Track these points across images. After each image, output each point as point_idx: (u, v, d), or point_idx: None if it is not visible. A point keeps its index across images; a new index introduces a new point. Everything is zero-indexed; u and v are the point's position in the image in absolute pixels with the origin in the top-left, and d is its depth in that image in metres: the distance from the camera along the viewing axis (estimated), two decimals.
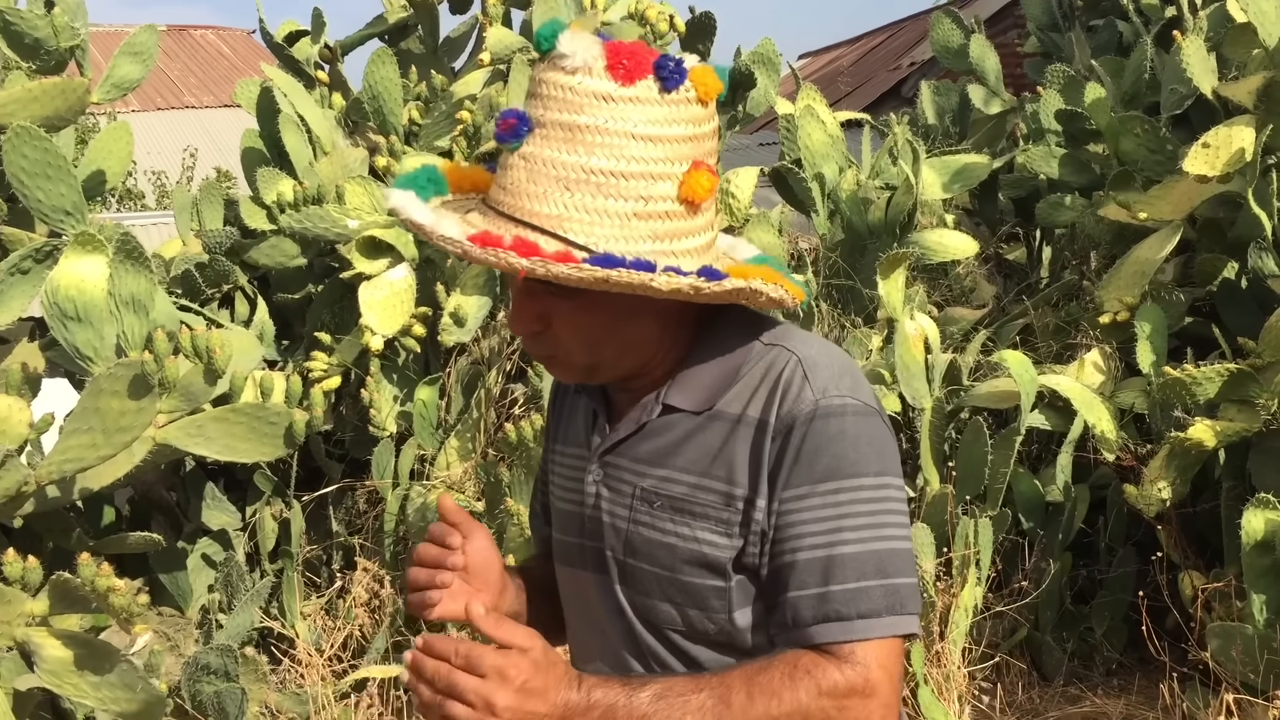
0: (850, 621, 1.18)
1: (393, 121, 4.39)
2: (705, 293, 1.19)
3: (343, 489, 4.30)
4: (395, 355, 4.17)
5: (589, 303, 1.22)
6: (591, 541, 1.33)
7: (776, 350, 1.27)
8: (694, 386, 1.28)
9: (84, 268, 2.95)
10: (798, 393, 1.22)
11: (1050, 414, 3.92)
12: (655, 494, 1.27)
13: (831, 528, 1.19)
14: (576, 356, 1.27)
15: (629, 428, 1.30)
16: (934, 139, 5.51)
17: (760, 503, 1.21)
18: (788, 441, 1.20)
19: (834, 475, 1.20)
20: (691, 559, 1.24)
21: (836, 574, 1.19)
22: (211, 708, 3.34)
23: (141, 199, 13.02)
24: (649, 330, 1.27)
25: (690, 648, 1.28)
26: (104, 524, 4.07)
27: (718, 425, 1.25)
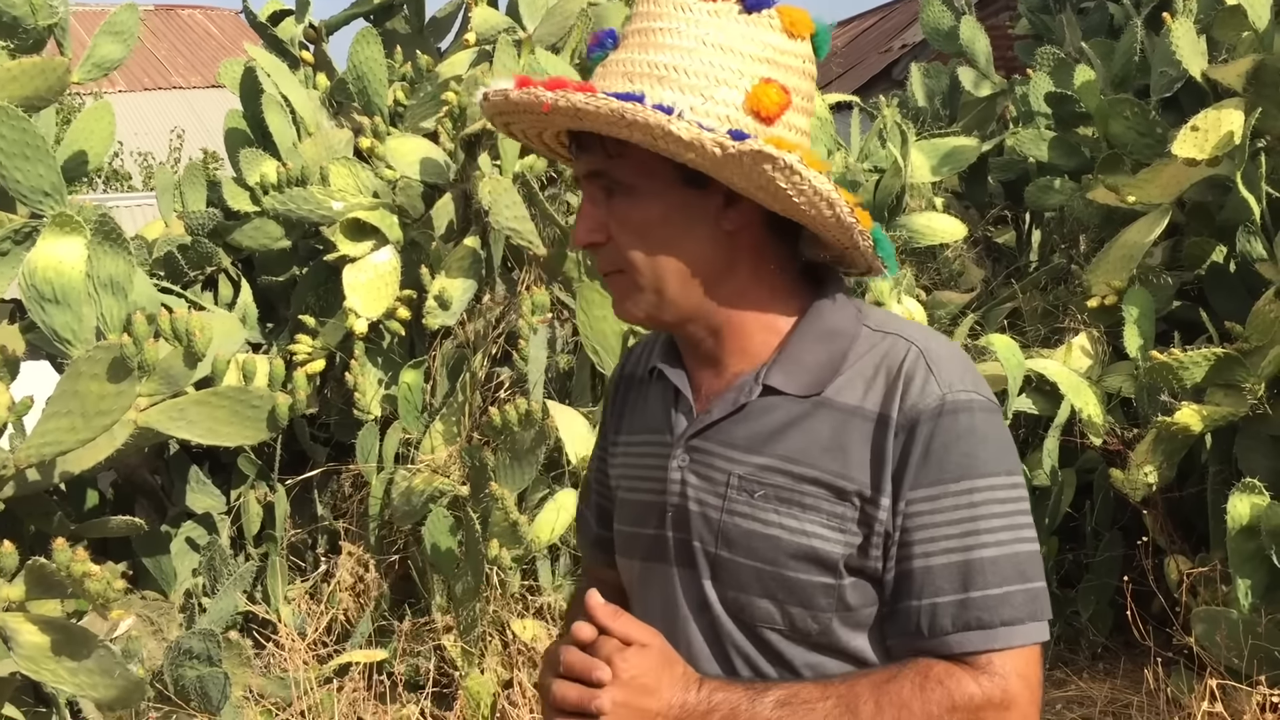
0: (993, 630, 1.12)
1: (377, 102, 4.36)
2: (730, 153, 1.11)
3: (327, 473, 4.28)
4: (380, 338, 4.15)
5: (641, 202, 1.19)
6: (676, 533, 1.24)
7: (891, 339, 1.20)
8: (797, 369, 1.20)
9: (62, 249, 2.92)
10: (922, 386, 1.15)
11: (1037, 398, 3.91)
12: (756, 482, 1.18)
13: (968, 530, 1.13)
14: (639, 272, 1.20)
15: (724, 409, 1.22)
16: (924, 121, 5.49)
17: (884, 501, 1.14)
18: (913, 437, 1.14)
19: (967, 474, 1.13)
20: (799, 553, 1.16)
21: (977, 579, 1.12)
22: (194, 692, 3.32)
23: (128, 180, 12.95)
24: (710, 256, 1.20)
25: (786, 647, 1.19)
26: (87, 507, 4.04)
27: (826, 413, 1.18)
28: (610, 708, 1.10)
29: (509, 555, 3.38)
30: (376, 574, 3.91)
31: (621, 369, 1.44)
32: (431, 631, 3.68)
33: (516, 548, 3.40)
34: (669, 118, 1.10)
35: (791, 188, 1.13)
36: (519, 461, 3.47)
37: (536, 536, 3.41)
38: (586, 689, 1.11)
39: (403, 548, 3.95)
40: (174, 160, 12.87)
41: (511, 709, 3.30)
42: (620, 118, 1.11)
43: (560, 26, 4.31)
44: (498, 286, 4.12)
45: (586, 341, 3.56)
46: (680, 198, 1.18)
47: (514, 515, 3.34)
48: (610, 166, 1.19)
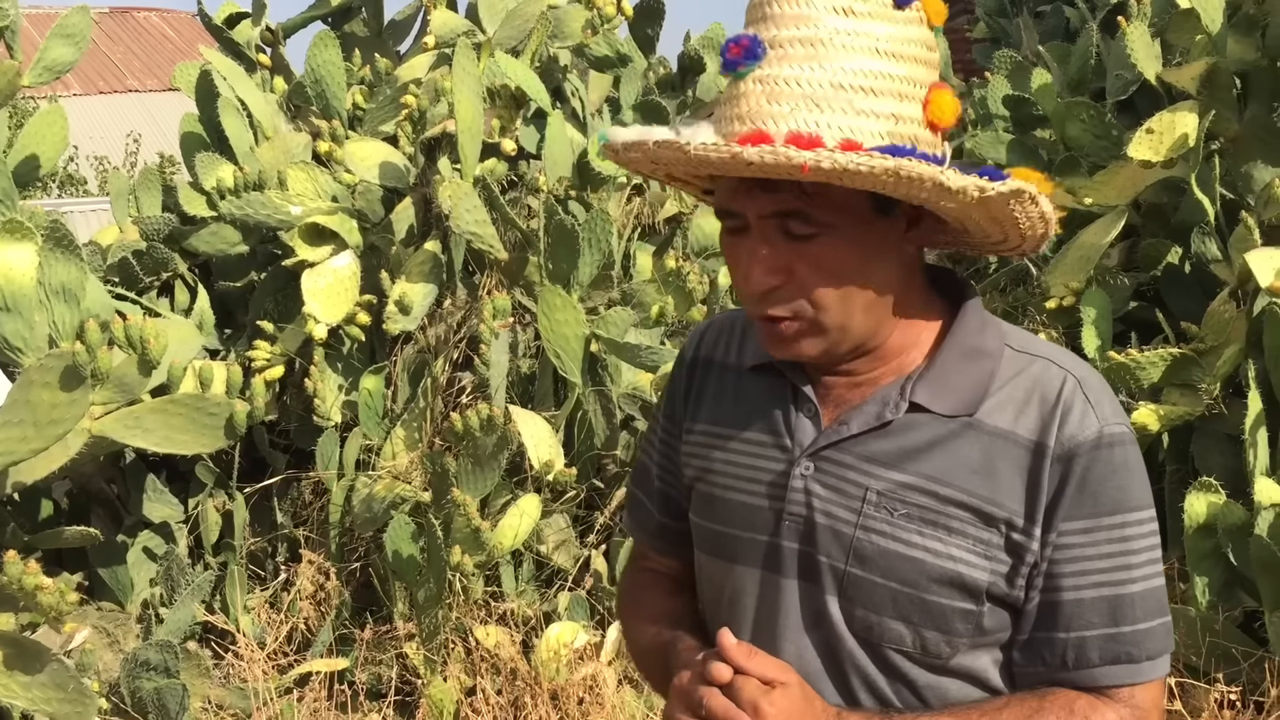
0: (1138, 664, 1.13)
1: (336, 106, 4.32)
2: (989, 195, 1.06)
3: (287, 480, 4.24)
4: (340, 344, 4.11)
5: (837, 241, 1.11)
6: (796, 544, 1.19)
7: (1041, 363, 1.17)
8: (944, 387, 1.16)
9: (12, 256, 2.87)
10: (1080, 417, 1.13)
11: None
12: (899, 500, 1.14)
13: (1119, 564, 1.12)
14: (827, 312, 1.13)
15: (865, 423, 1.17)
16: None
17: (1036, 532, 1.12)
18: (1070, 469, 1.11)
19: (1119, 509, 1.12)
20: (943, 578, 1.13)
21: (1126, 614, 1.12)
22: (152, 705, 3.28)
23: (83, 185, 12.78)
24: (893, 281, 1.15)
25: (909, 669, 1.16)
26: (41, 518, 3.98)
27: (975, 435, 1.14)
28: None
29: (471, 562, 3.36)
30: (338, 582, 3.87)
31: (696, 349, 1.36)
32: (393, 639, 3.65)
33: (479, 554, 3.38)
34: (940, 169, 1.04)
35: (1024, 216, 1.11)
36: (481, 467, 3.45)
37: (499, 543, 3.39)
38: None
39: (364, 555, 3.92)
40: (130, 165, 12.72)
41: (475, 716, 3.28)
42: (895, 176, 1.03)
43: (520, 30, 4.29)
44: (459, 291, 4.09)
45: (548, 345, 3.55)
46: (874, 229, 1.13)
47: (476, 521, 3.32)
48: (806, 206, 1.10)
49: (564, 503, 3.70)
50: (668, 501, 1.39)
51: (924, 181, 1.04)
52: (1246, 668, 3.09)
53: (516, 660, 3.35)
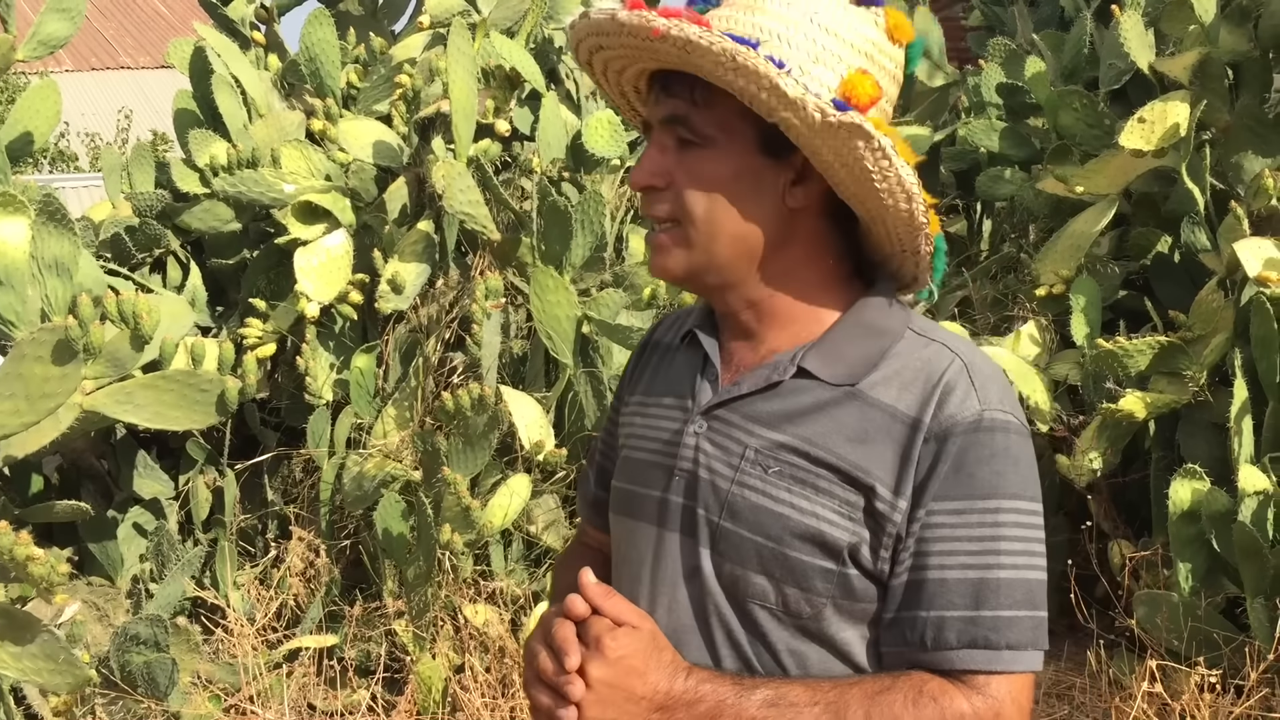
0: (997, 651, 1.11)
1: (330, 84, 4.31)
2: (829, 121, 1.08)
3: (278, 457, 4.25)
4: (332, 322, 4.12)
5: (716, 155, 1.17)
6: (681, 498, 1.23)
7: (935, 347, 1.19)
8: (836, 357, 1.19)
9: (5, 230, 2.87)
10: (961, 399, 1.14)
11: None
12: (772, 458, 1.17)
13: (988, 549, 1.12)
14: (693, 225, 1.18)
15: (754, 384, 1.21)
16: None
17: (901, 505, 1.13)
18: (944, 447, 1.12)
19: (995, 493, 1.12)
20: (805, 534, 1.15)
21: (989, 599, 1.11)
22: (141, 678, 3.29)
23: (75, 161, 12.73)
24: (768, 225, 1.19)
25: (772, 628, 1.18)
26: (32, 492, 3.99)
27: (855, 405, 1.16)
28: (595, 684, 1.09)
29: (461, 540, 3.37)
30: (327, 559, 3.88)
31: (650, 335, 1.43)
32: (383, 617, 3.66)
33: (469, 533, 3.39)
34: (780, 71, 1.08)
35: (877, 171, 1.12)
36: (472, 447, 3.46)
37: (489, 522, 3.41)
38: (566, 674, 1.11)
39: (354, 533, 3.93)
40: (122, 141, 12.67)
41: (463, 694, 3.30)
42: (731, 59, 1.08)
43: (515, 10, 4.29)
44: (451, 271, 4.10)
45: (540, 327, 3.56)
46: (754, 163, 1.17)
47: (466, 500, 3.34)
48: (693, 113, 1.17)
49: (554, 483, 3.72)
50: (603, 475, 1.44)
51: (760, 77, 1.08)
52: (1228, 652, 3.13)
53: (505, 639, 3.37)
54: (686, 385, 1.28)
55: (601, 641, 1.11)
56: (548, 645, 1.14)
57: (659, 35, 1.11)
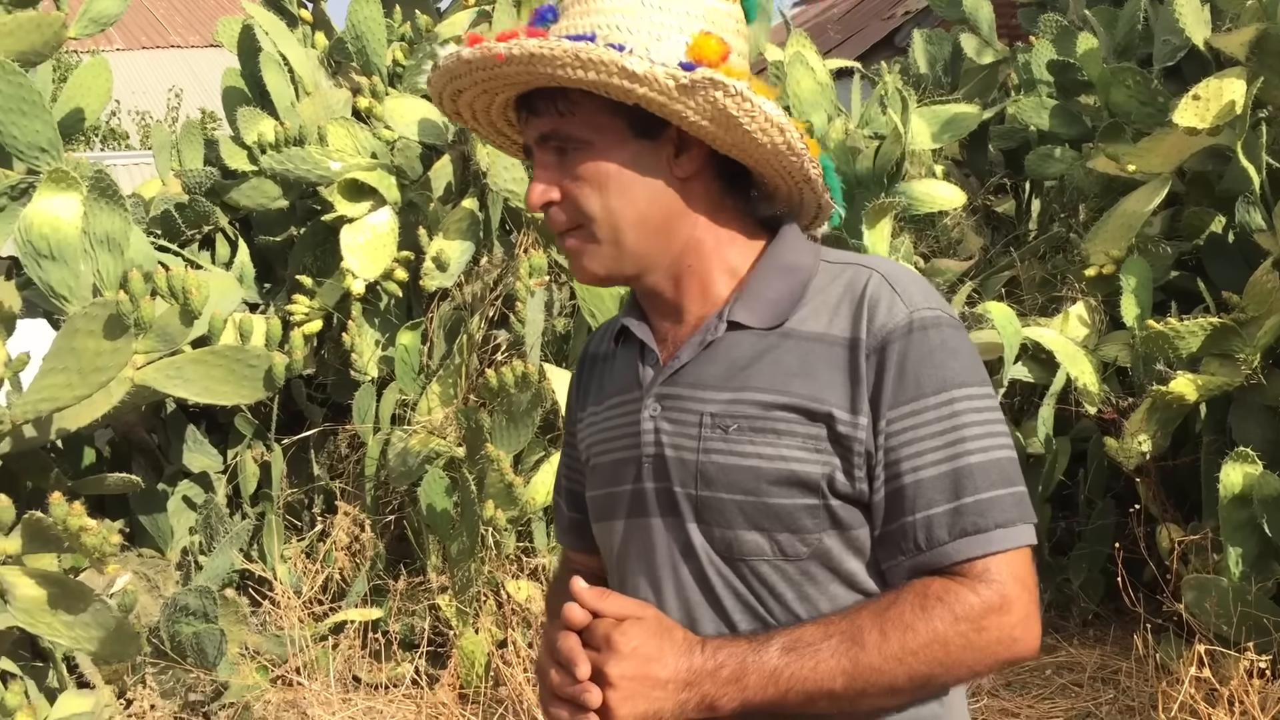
0: (989, 533, 1.13)
1: (376, 62, 4.33)
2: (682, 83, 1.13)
3: (324, 433, 4.29)
4: (377, 299, 4.15)
5: (595, 157, 1.20)
6: (655, 483, 1.25)
7: (851, 269, 1.22)
8: (759, 303, 1.22)
9: (58, 205, 2.91)
10: (889, 308, 1.17)
11: (1033, 366, 3.91)
12: (728, 416, 1.19)
13: (952, 439, 1.14)
14: (595, 223, 1.21)
15: (692, 351, 1.24)
16: (925, 88, 5.45)
17: (862, 421, 1.15)
18: (885, 357, 1.15)
19: (945, 386, 1.15)
20: (779, 478, 1.17)
21: (967, 485, 1.13)
22: (190, 648, 3.35)
23: (126, 139, 12.88)
24: (665, 203, 1.22)
25: (777, 580, 1.19)
26: (84, 465, 4.06)
27: (791, 343, 1.20)
28: (618, 681, 1.10)
29: (504, 517, 3.39)
30: (372, 534, 3.93)
31: (585, 351, 1.46)
32: (426, 591, 3.70)
33: (512, 509, 3.41)
34: (621, 54, 1.13)
35: (743, 114, 1.16)
36: (515, 423, 3.48)
37: (532, 498, 3.43)
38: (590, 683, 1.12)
39: (398, 508, 3.97)
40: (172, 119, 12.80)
41: (505, 668, 3.32)
42: (575, 57, 1.12)
43: None
44: (495, 249, 4.11)
45: (583, 304, 3.56)
46: (633, 150, 1.21)
47: (509, 477, 3.36)
48: (562, 124, 1.20)
49: None
50: (573, 498, 1.45)
51: (607, 64, 1.12)
52: (1278, 638, 3.08)
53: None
54: (631, 377, 1.30)
55: (612, 639, 1.12)
56: (555, 661, 1.15)
57: (503, 59, 1.16)
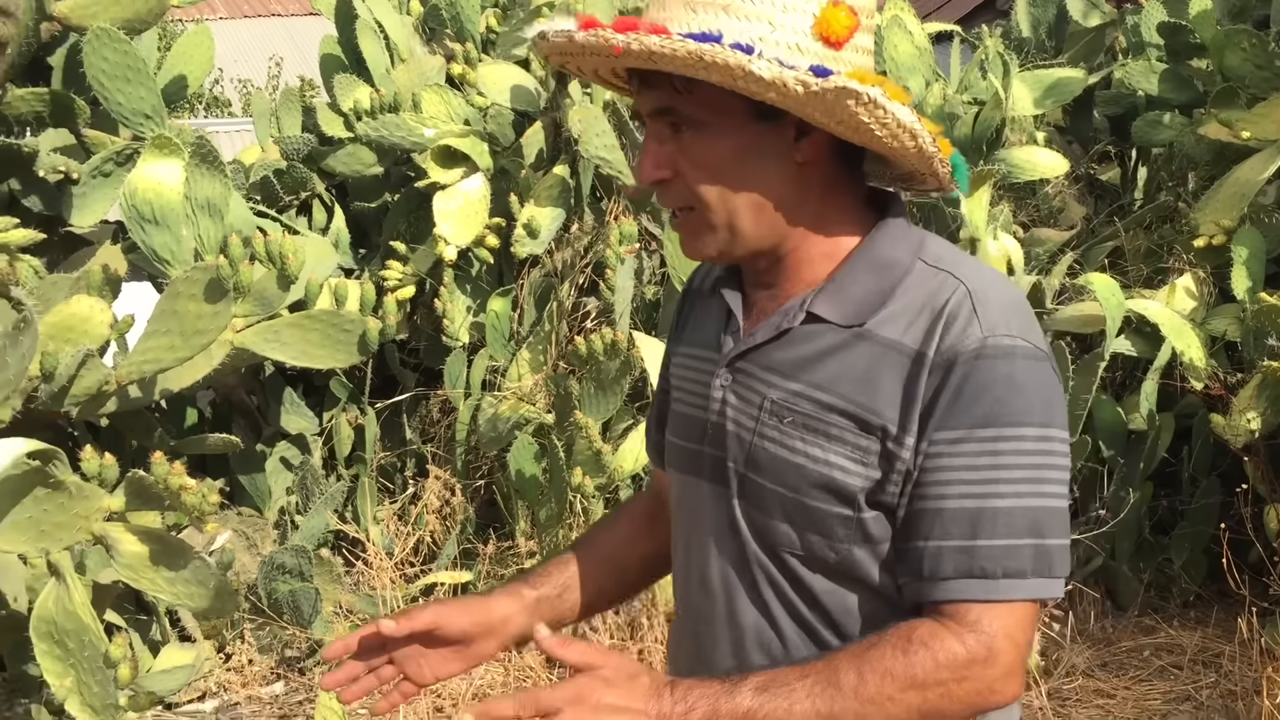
0: (994, 580, 1.09)
1: (470, 29, 4.34)
2: (813, 91, 1.07)
3: (416, 397, 4.35)
4: (469, 266, 4.18)
5: (711, 138, 1.15)
6: (713, 450, 1.25)
7: (942, 276, 1.17)
8: (844, 298, 1.18)
9: (161, 171, 2.98)
10: (963, 328, 1.12)
11: (1137, 340, 3.79)
12: (786, 408, 1.18)
13: (987, 478, 1.10)
14: (709, 209, 1.18)
15: (767, 333, 1.21)
16: (1028, 52, 5.30)
17: (908, 440, 1.12)
18: (947, 379, 1.11)
19: (994, 422, 1.10)
20: (819, 483, 1.15)
21: (985, 528, 1.09)
22: (287, 606, 3.43)
23: (228, 106, 13.16)
24: (784, 189, 1.18)
25: (805, 574, 1.19)
26: (186, 425, 4.17)
27: (865, 346, 1.16)
28: None
29: (592, 484, 3.41)
30: (462, 498, 3.97)
31: (690, 282, 1.44)
32: (515, 556, 3.74)
33: (600, 476, 3.42)
34: (749, 58, 1.07)
35: (875, 122, 1.11)
36: (604, 391, 3.48)
37: (620, 466, 3.43)
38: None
39: (488, 473, 4.01)
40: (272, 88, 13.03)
41: (592, 634, 3.34)
42: (699, 59, 1.07)
43: None
44: (586, 216, 4.10)
45: (673, 272, 3.54)
46: (752, 132, 1.16)
47: (598, 444, 3.36)
48: (679, 103, 1.15)
49: None
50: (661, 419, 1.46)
51: (732, 69, 1.07)
52: None
53: None
54: (714, 337, 1.29)
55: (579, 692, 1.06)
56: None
57: (620, 53, 1.10)
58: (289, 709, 3.48)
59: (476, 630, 1.33)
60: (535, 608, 1.38)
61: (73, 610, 2.36)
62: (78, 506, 2.35)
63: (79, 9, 3.48)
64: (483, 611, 1.34)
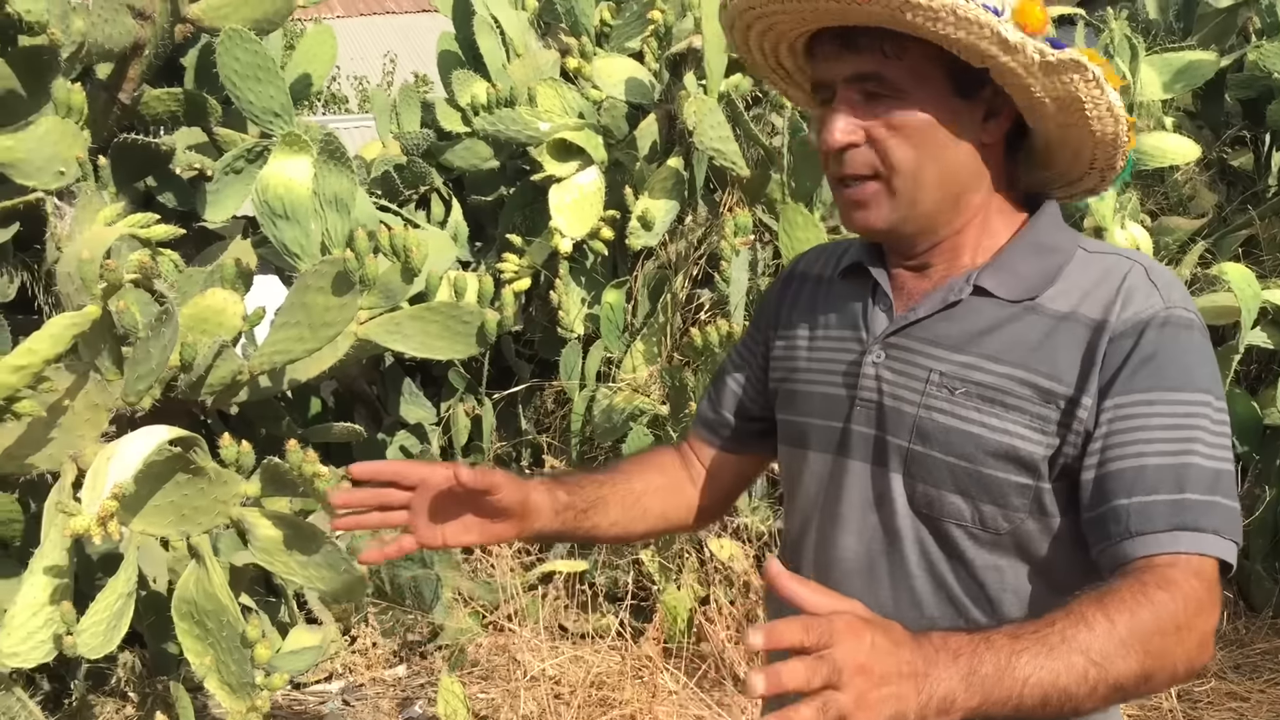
0: (1204, 534, 1.08)
1: (584, 23, 4.37)
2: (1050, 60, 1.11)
3: (531, 388, 4.41)
4: (583, 258, 4.21)
5: (912, 108, 1.18)
6: (866, 428, 1.25)
7: (1111, 258, 1.21)
8: (1011, 274, 1.21)
9: (291, 168, 3.06)
10: (1145, 298, 1.16)
11: (1273, 331, 3.66)
12: (958, 379, 1.19)
13: (1185, 437, 1.11)
14: (899, 174, 1.19)
15: (931, 307, 1.23)
16: (1155, 35, 5.13)
17: (1087, 401, 1.14)
18: (1137, 344, 1.13)
19: (1189, 387, 1.13)
20: (998, 451, 1.16)
21: (1192, 483, 1.10)
22: (409, 591, 3.51)
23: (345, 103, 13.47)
24: (966, 167, 1.21)
25: (968, 546, 1.19)
26: (311, 414, 4.29)
27: (1035, 319, 1.18)
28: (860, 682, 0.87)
29: None
30: None
31: (795, 266, 1.46)
32: (630, 547, 3.76)
33: None
34: (998, 19, 1.10)
35: (1089, 100, 1.15)
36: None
37: None
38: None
39: (603, 463, 4.04)
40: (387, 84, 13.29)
41: (708, 624, 3.35)
42: (953, 14, 1.10)
43: None
44: (700, 208, 4.10)
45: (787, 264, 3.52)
46: (950, 107, 1.19)
47: None
48: (886, 67, 1.17)
49: None
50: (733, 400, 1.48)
51: (982, 27, 1.09)
52: None
53: (750, 574, 3.40)
54: (857, 316, 1.30)
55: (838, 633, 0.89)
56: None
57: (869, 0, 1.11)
58: (411, 691, 3.57)
59: (515, 511, 1.33)
60: (560, 514, 1.39)
61: (212, 591, 2.45)
62: (216, 491, 2.44)
63: (211, 10, 3.60)
64: (524, 495, 1.34)
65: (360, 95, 13.22)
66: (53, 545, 2.49)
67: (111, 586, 2.43)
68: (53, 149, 2.92)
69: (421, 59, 13.29)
